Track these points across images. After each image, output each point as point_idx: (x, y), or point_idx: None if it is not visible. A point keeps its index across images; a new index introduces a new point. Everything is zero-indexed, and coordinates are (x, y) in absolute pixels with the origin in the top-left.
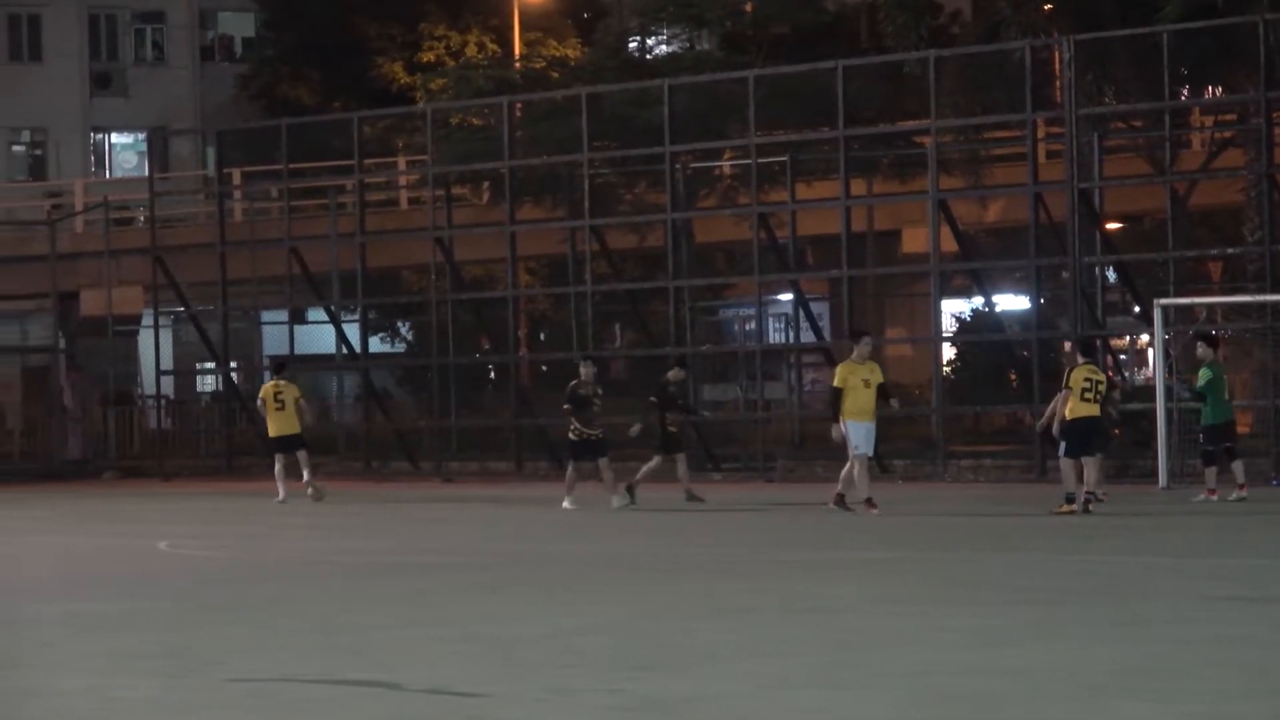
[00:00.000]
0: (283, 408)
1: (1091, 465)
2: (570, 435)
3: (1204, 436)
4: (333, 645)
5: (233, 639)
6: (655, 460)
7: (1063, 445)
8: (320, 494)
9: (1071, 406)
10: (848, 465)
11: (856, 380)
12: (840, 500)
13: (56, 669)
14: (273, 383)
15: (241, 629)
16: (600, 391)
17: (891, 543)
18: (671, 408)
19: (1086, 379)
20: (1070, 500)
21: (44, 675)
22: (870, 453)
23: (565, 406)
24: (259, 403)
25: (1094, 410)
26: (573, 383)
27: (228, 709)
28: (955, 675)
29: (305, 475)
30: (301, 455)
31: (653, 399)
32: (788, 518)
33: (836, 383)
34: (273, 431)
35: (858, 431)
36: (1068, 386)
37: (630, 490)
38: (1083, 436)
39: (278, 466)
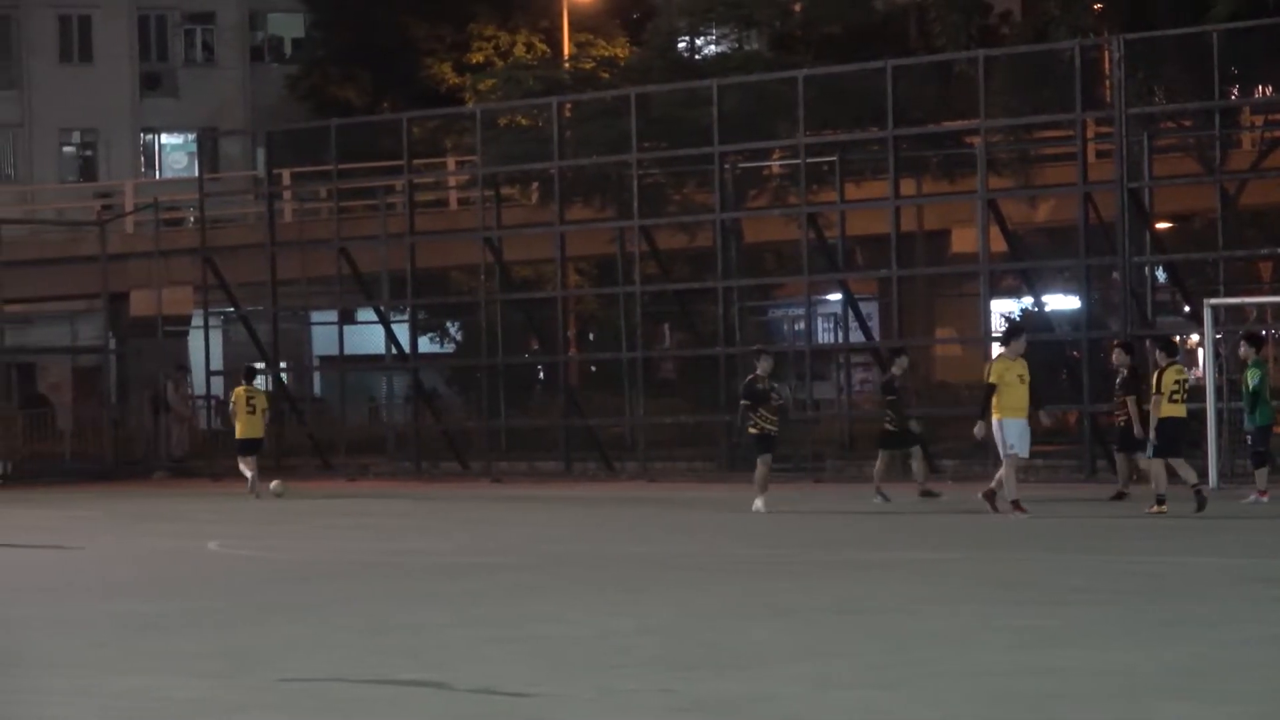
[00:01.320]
0: (254, 412)
1: (1181, 465)
2: (751, 430)
3: (1253, 438)
4: (384, 645)
5: (284, 639)
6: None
7: (1152, 446)
8: (279, 491)
9: (1163, 408)
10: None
11: (1012, 376)
12: (990, 497)
13: (109, 669)
14: (244, 388)
15: (293, 629)
16: (776, 385)
17: (942, 543)
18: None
19: (1176, 380)
20: (1161, 501)
21: (97, 675)
22: (1025, 454)
23: (743, 402)
24: (230, 406)
25: (1182, 411)
26: (749, 377)
27: (280, 709)
28: (1005, 676)
29: (250, 474)
30: (253, 459)
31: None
32: (838, 519)
33: (991, 378)
34: (242, 434)
35: (1012, 429)
36: (1159, 390)
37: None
38: (1173, 437)
39: (244, 465)
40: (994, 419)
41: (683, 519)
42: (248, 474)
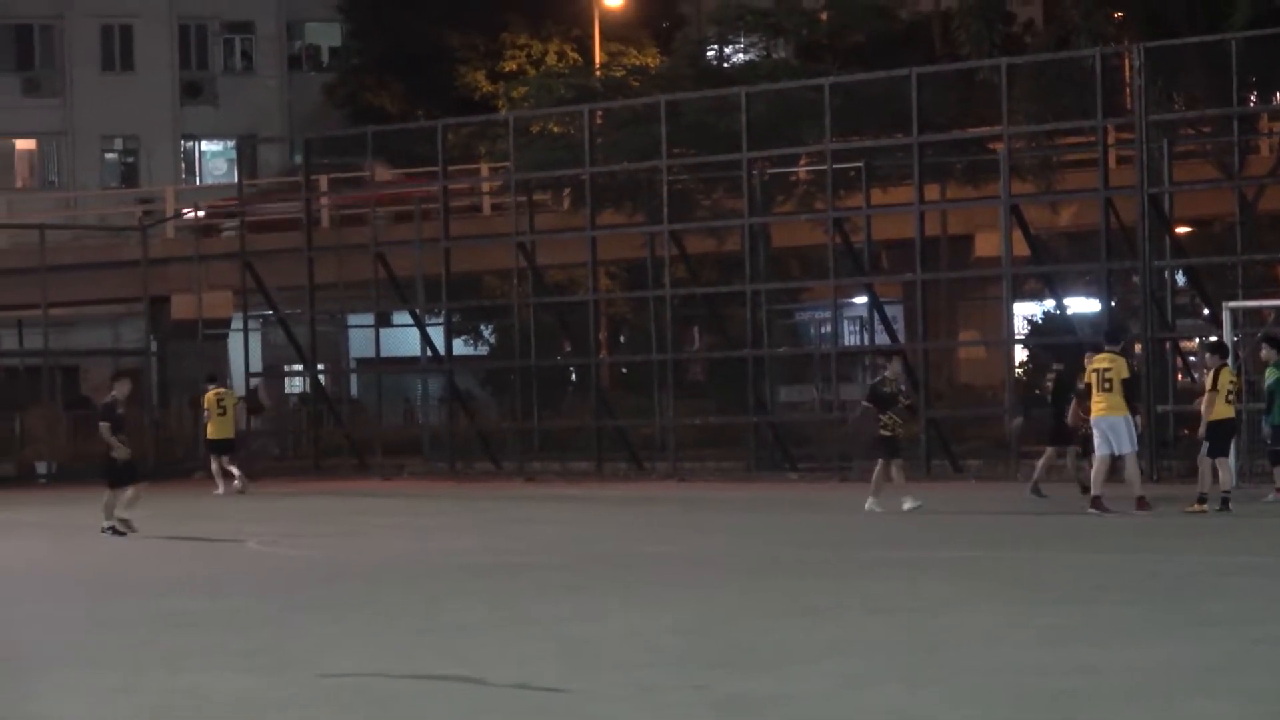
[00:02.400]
0: (225, 413)
1: (1224, 466)
2: (883, 432)
3: (1271, 437)
4: (421, 642)
5: (324, 636)
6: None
7: (1206, 445)
8: (241, 488)
9: (1217, 408)
10: (1095, 464)
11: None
12: (1097, 502)
13: (151, 666)
14: (215, 390)
15: (333, 626)
16: (904, 388)
17: (969, 542)
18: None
19: (1231, 381)
20: (1203, 500)
21: (139, 672)
22: (1103, 451)
23: (864, 404)
24: (204, 410)
25: (1233, 412)
26: (876, 379)
27: (320, 705)
28: (1032, 674)
29: (235, 471)
30: (227, 457)
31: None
32: (867, 519)
33: (1127, 375)
34: (214, 434)
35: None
36: (1215, 389)
37: (910, 496)
38: (1226, 437)
39: (215, 465)
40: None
41: (712, 518)
42: (232, 472)
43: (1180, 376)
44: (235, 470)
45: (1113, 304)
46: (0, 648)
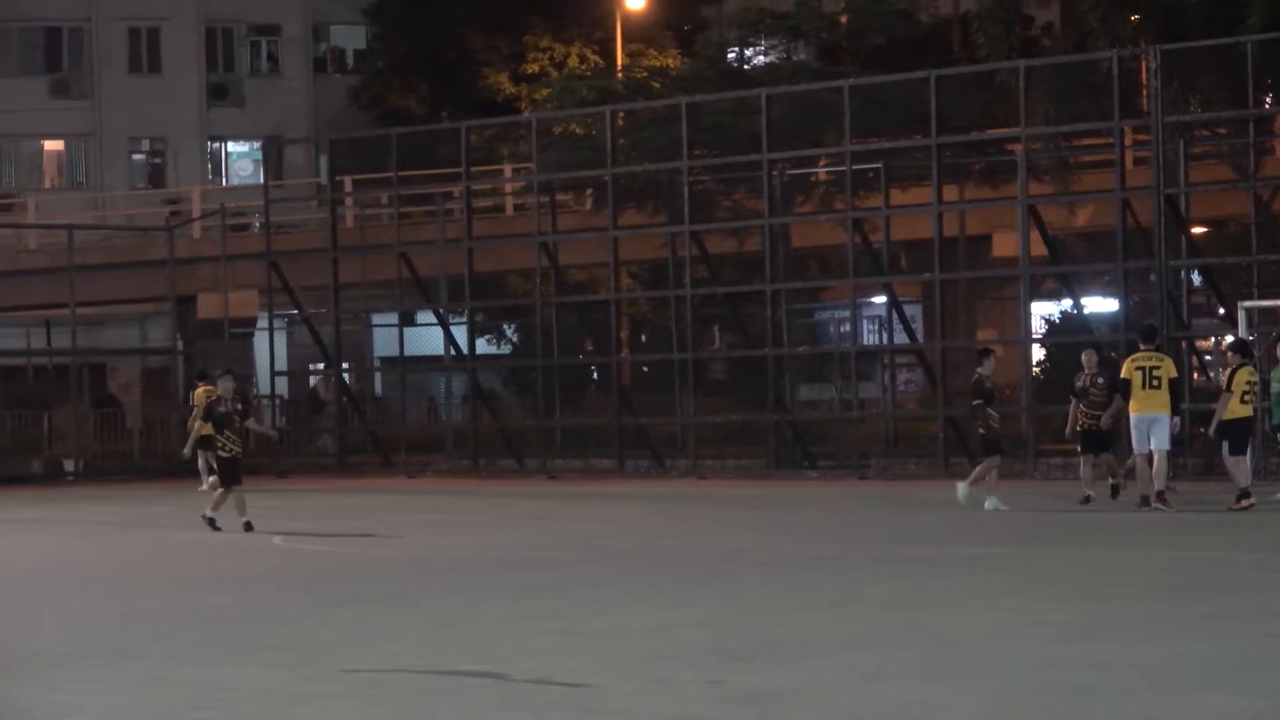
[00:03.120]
0: None
1: (1241, 463)
2: (981, 431)
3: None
4: (444, 637)
5: (348, 631)
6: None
7: (1226, 444)
8: (216, 485)
9: (1231, 407)
10: (1139, 464)
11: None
12: (1157, 498)
13: (177, 660)
14: (205, 387)
15: (356, 622)
16: (990, 386)
17: (985, 539)
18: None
19: (1248, 381)
20: (1246, 496)
21: (165, 666)
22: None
23: (975, 401)
24: (193, 407)
25: (1249, 411)
26: (976, 375)
27: (343, 699)
28: (1047, 669)
29: (207, 465)
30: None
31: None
32: (885, 515)
33: (1176, 375)
34: (203, 431)
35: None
36: (1229, 389)
37: (975, 494)
38: (1244, 436)
39: (202, 460)
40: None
41: (732, 515)
42: (208, 470)
43: (1196, 375)
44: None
45: (1134, 302)
46: (28, 641)
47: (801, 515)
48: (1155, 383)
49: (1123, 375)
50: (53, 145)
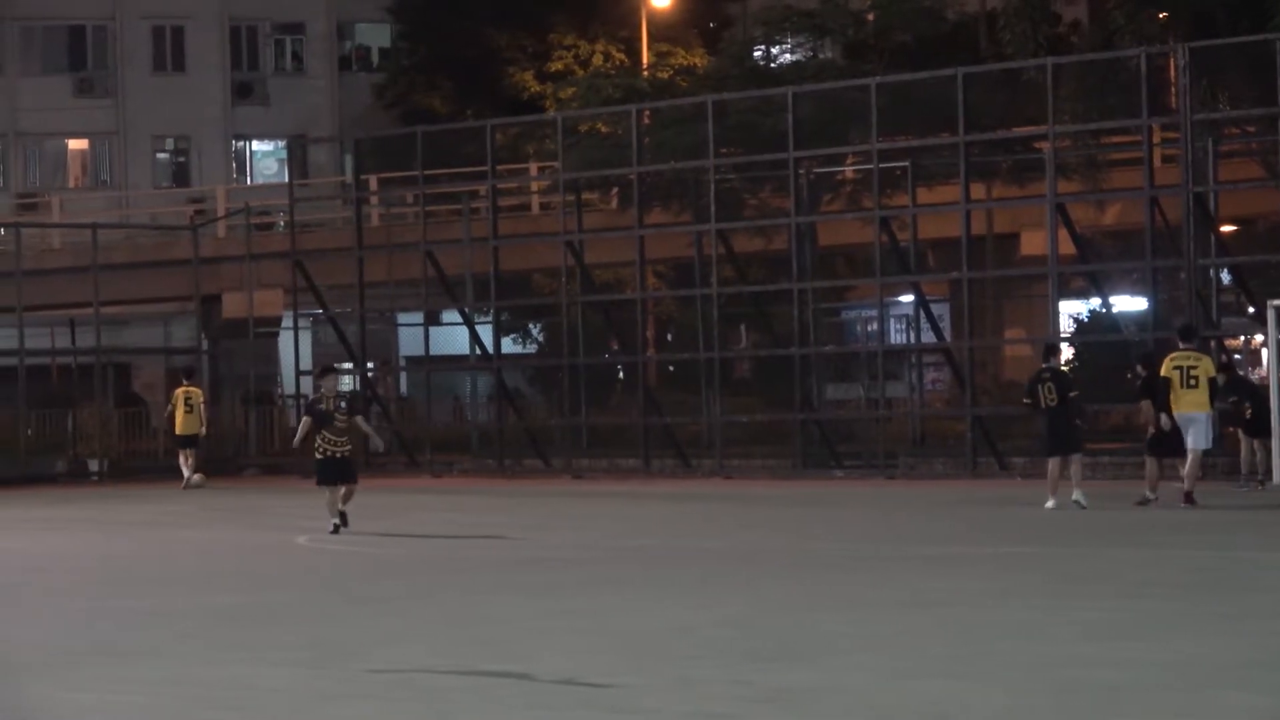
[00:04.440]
0: (191, 410)
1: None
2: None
3: None
4: (469, 637)
5: (372, 631)
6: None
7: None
8: (204, 483)
9: None
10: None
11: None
12: (1185, 498)
13: (199, 659)
14: (183, 388)
15: (381, 621)
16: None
17: (1011, 538)
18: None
19: None
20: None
21: (187, 665)
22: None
23: (1026, 400)
24: (170, 405)
25: None
26: (1038, 372)
27: (367, 699)
28: (1075, 667)
29: (192, 465)
30: (192, 451)
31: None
32: (912, 515)
33: (1214, 374)
34: (181, 430)
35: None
36: None
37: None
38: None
39: (183, 458)
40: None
41: (758, 514)
42: (185, 469)
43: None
44: (190, 464)
45: (1162, 300)
46: (50, 639)
47: (828, 515)
48: (1193, 381)
49: (1162, 374)
50: (77, 144)
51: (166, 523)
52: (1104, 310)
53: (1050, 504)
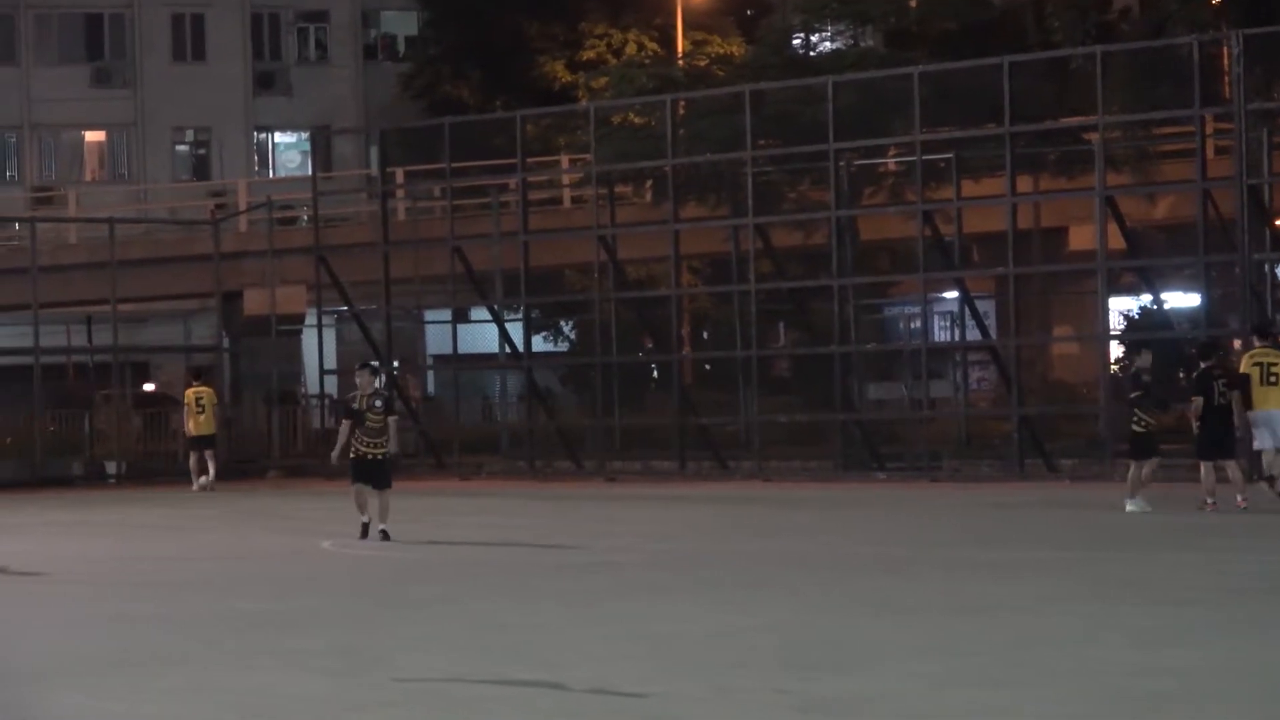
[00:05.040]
0: (203, 411)
1: None
2: (1135, 428)
3: None
4: (499, 644)
5: (399, 638)
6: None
7: None
8: (207, 484)
9: None
10: (1268, 458)
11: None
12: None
13: (224, 666)
14: (194, 388)
15: (408, 627)
16: (1147, 380)
17: (1059, 543)
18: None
19: None
20: None
21: (213, 672)
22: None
23: (1133, 394)
24: (184, 406)
25: None
26: (1132, 371)
27: (397, 707)
28: (1121, 675)
29: (211, 470)
30: (210, 453)
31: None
32: (956, 518)
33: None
34: (194, 431)
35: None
36: None
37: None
38: None
39: (194, 460)
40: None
41: (798, 518)
42: (205, 469)
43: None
44: (210, 468)
45: (1216, 296)
46: (73, 647)
47: (870, 518)
48: (1273, 379)
49: (1241, 371)
50: (94, 136)
51: (188, 526)
52: (1155, 307)
53: (1130, 505)
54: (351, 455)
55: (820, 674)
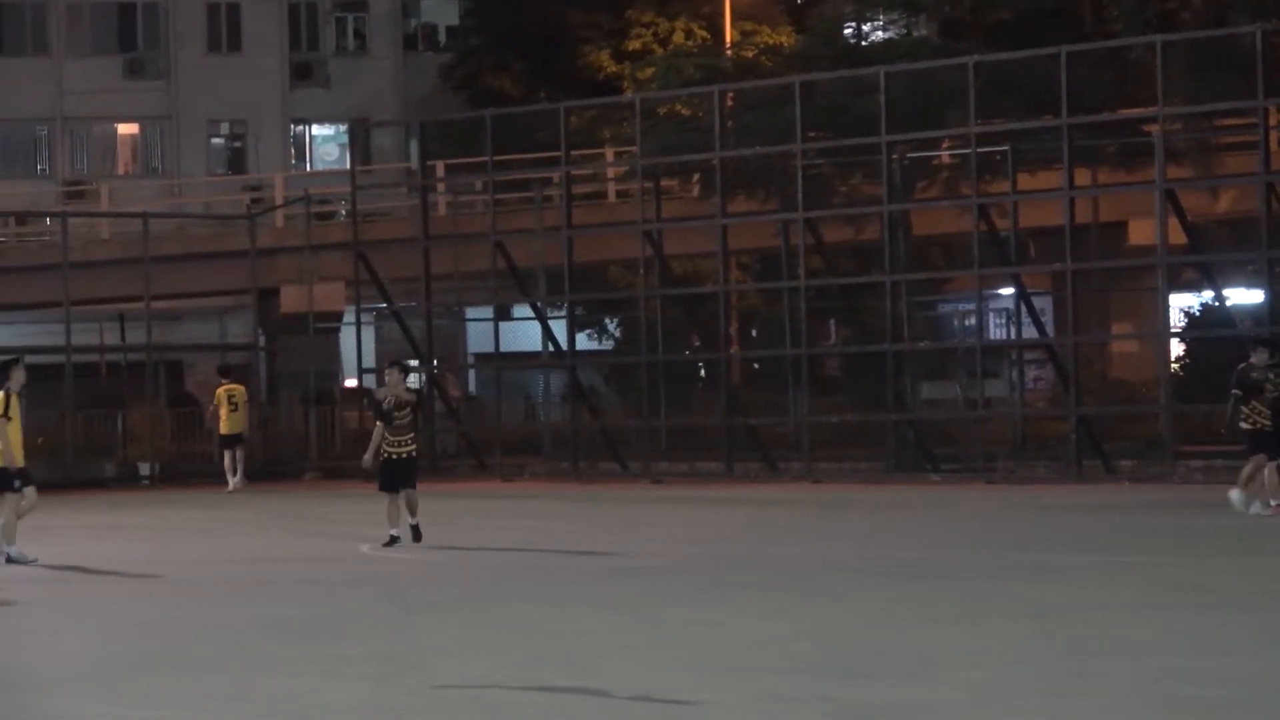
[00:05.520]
0: (235, 409)
1: None
2: (1243, 425)
3: None
4: (540, 650)
5: (438, 643)
6: (1254, 460)
7: None
8: (243, 486)
9: None
10: None
11: None
12: None
13: (260, 673)
14: (225, 386)
15: (447, 633)
16: (1273, 376)
17: (1116, 547)
18: (1257, 396)
19: None
20: None
21: (247, 679)
22: None
23: (1235, 392)
24: (213, 404)
25: None
26: (1241, 365)
27: (436, 714)
28: (1184, 683)
29: (239, 470)
30: (240, 452)
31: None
32: (1011, 521)
33: None
34: (226, 430)
35: None
36: None
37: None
38: None
39: (228, 460)
40: None
41: (848, 521)
42: (230, 476)
43: None
44: (239, 468)
45: (1278, 292)
46: (103, 652)
47: (922, 521)
48: None
49: None
50: (127, 129)
51: (222, 529)
52: (1217, 304)
53: (1252, 508)
54: (382, 457)
55: (869, 682)
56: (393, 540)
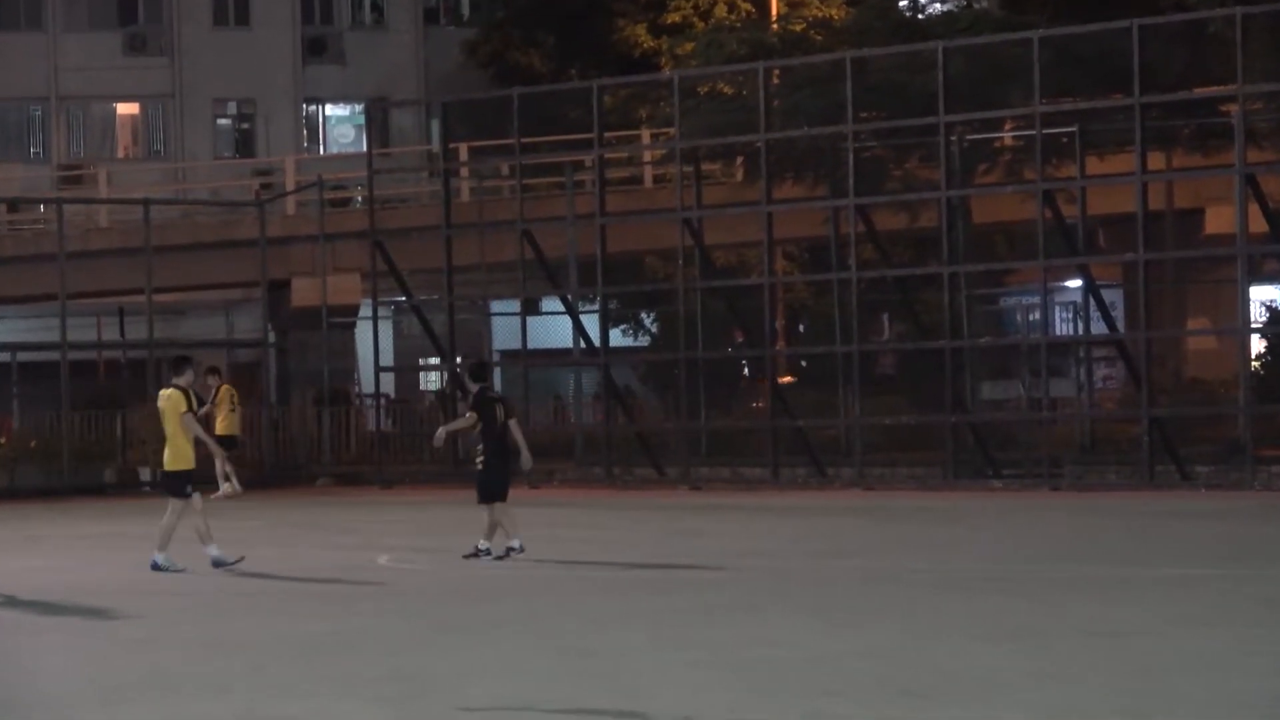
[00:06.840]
0: (234, 409)
1: None
2: None
3: None
4: (574, 669)
5: (465, 662)
6: None
7: None
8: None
9: None
10: None
11: None
12: None
13: (272, 693)
14: (227, 385)
15: (474, 651)
16: None
17: (1191, 558)
18: None
19: None
20: None
21: (259, 700)
22: None
23: None
24: (214, 404)
25: None
26: None
27: None
28: (1264, 704)
29: (233, 477)
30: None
31: None
32: (1078, 530)
33: None
34: (225, 430)
35: None
36: None
37: None
38: None
39: (220, 463)
40: None
41: (904, 531)
42: (232, 480)
43: None
44: (231, 469)
45: None
46: (107, 673)
47: (984, 530)
48: None
49: None
50: (127, 109)
51: (231, 540)
52: None
53: None
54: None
55: (926, 703)
56: (510, 552)
